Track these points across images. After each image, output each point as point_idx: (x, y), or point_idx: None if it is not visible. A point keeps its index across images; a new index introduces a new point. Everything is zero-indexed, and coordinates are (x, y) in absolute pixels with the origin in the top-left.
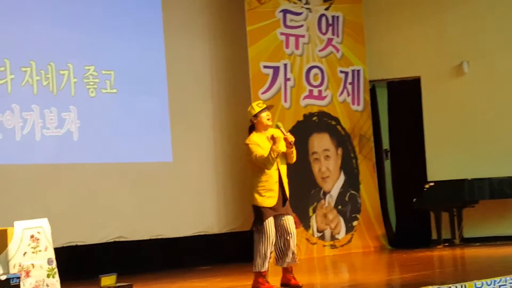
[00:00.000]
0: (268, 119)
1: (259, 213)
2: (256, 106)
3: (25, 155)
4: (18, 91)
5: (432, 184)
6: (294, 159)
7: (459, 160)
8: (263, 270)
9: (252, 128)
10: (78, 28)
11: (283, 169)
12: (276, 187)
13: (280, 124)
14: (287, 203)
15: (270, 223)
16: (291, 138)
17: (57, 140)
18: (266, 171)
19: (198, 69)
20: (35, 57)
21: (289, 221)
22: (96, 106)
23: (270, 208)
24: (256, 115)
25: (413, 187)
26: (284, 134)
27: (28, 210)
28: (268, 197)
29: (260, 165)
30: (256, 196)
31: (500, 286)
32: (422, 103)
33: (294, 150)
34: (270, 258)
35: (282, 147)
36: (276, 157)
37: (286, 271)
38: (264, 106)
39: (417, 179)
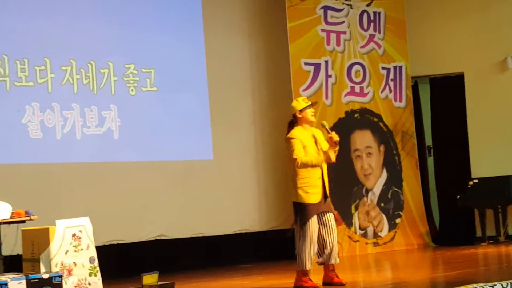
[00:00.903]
0: (312, 115)
1: (303, 211)
2: (302, 101)
3: (65, 154)
4: (59, 90)
5: (476, 181)
6: (334, 159)
7: (503, 157)
8: (306, 268)
9: (292, 124)
10: (118, 26)
11: (324, 167)
12: (319, 183)
13: (325, 123)
14: (328, 200)
15: (313, 222)
16: (336, 138)
17: (98, 139)
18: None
19: (238, 66)
20: (75, 56)
21: (331, 218)
22: (136, 104)
23: (314, 205)
24: (301, 110)
25: (456, 184)
26: (329, 133)
27: (70, 209)
28: (312, 194)
29: (291, 161)
30: (300, 192)
31: None
32: (465, 99)
33: (337, 150)
34: (313, 256)
35: (324, 145)
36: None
37: (328, 269)
38: (309, 102)
39: (460, 176)
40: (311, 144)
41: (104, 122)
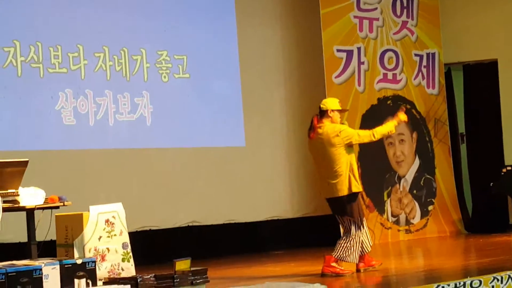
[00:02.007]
0: (339, 119)
1: (359, 203)
2: (337, 103)
3: (98, 140)
4: (91, 77)
5: (509, 168)
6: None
7: None
8: (354, 261)
9: (322, 117)
10: (151, 13)
11: (353, 157)
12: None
13: (346, 123)
14: None
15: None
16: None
17: (130, 125)
18: (352, 158)
19: (270, 53)
20: (108, 43)
21: None
22: (168, 91)
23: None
24: (333, 110)
25: (489, 171)
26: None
27: (103, 195)
28: (359, 183)
29: (364, 141)
30: (353, 180)
31: None
32: (499, 86)
33: None
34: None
35: None
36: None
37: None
38: (341, 108)
39: (493, 163)
40: None
41: (137, 109)
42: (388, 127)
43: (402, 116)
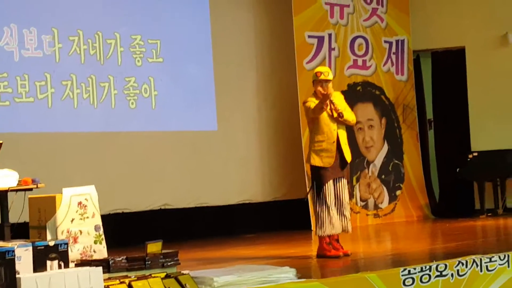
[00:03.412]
0: (321, 89)
1: (319, 176)
2: (326, 72)
3: (72, 123)
4: (66, 60)
5: (475, 154)
6: (352, 121)
7: (503, 130)
8: (326, 235)
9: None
10: None
11: (342, 133)
12: (333, 147)
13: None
14: (347, 167)
15: (329, 186)
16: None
17: (104, 109)
18: (324, 130)
19: (243, 38)
20: (82, 26)
21: (344, 185)
22: (142, 75)
23: (328, 169)
24: (313, 81)
25: (456, 157)
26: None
27: (76, 178)
28: (325, 157)
29: (311, 114)
30: (313, 155)
31: None
32: (466, 73)
33: (345, 118)
34: (335, 221)
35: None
36: (322, 107)
37: (333, 239)
38: (327, 78)
39: (460, 149)
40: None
41: (111, 93)
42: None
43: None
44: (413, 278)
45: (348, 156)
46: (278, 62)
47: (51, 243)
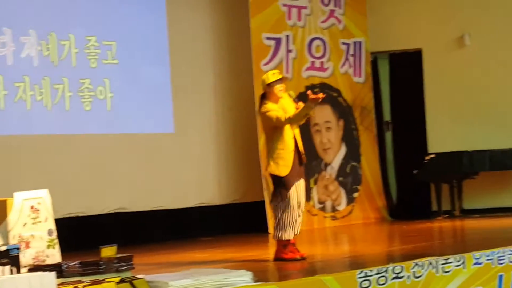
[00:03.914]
0: (280, 91)
1: (281, 183)
2: (271, 76)
3: (27, 126)
4: (19, 62)
5: (432, 156)
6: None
7: (460, 132)
8: (287, 238)
9: (264, 97)
10: None
11: (297, 132)
12: (291, 156)
13: (292, 93)
14: (302, 167)
15: (292, 191)
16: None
17: (58, 111)
18: (284, 139)
19: (200, 39)
20: (35, 27)
21: (303, 186)
22: (97, 77)
23: (288, 176)
24: (269, 85)
25: (414, 158)
26: (296, 104)
27: (29, 182)
28: (282, 165)
29: (278, 124)
30: (272, 163)
31: (498, 257)
32: (423, 75)
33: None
34: (296, 227)
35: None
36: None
37: (289, 243)
38: (280, 76)
39: (418, 150)
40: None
41: (65, 95)
42: (303, 112)
43: (313, 98)
44: (369, 281)
45: (304, 157)
46: (236, 64)
47: (3, 248)
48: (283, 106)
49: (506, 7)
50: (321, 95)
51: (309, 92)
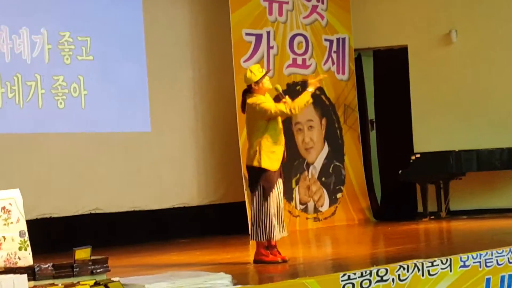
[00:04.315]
0: (269, 82)
1: (267, 179)
2: (258, 72)
3: None
4: None
5: (418, 155)
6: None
7: (446, 131)
8: (273, 240)
9: (248, 92)
10: None
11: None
12: (281, 150)
13: (278, 86)
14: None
15: (275, 190)
16: (289, 101)
17: (30, 109)
18: (276, 133)
19: (178, 35)
20: (6, 22)
21: (281, 186)
22: (71, 73)
23: (275, 172)
24: (257, 81)
25: (399, 158)
26: (283, 97)
27: (2, 181)
28: (274, 160)
29: (279, 116)
30: (264, 157)
31: (486, 259)
32: (409, 72)
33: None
34: (278, 227)
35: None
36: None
37: (271, 245)
38: (264, 71)
39: (403, 150)
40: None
41: (38, 92)
42: (304, 98)
43: (313, 82)
44: (353, 284)
45: (285, 156)
46: (215, 61)
47: None
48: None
49: (493, 2)
50: (321, 76)
51: (310, 76)
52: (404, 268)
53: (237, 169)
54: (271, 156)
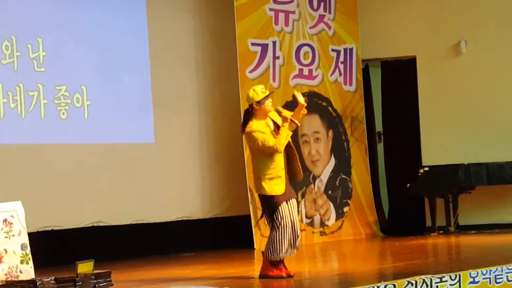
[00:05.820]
0: (271, 105)
1: (270, 203)
2: (260, 92)
3: (0, 134)
4: None
5: (426, 169)
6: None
7: (455, 144)
8: (278, 258)
9: (248, 114)
10: (59, 2)
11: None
12: (283, 173)
13: (280, 108)
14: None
15: (284, 208)
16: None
17: (32, 120)
18: (273, 158)
19: (182, 46)
20: (15, 33)
21: (295, 204)
22: (74, 83)
23: (280, 195)
24: (259, 102)
25: (407, 172)
26: (287, 118)
27: (3, 193)
28: (275, 184)
29: (268, 151)
30: (264, 185)
31: (496, 276)
32: (417, 83)
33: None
34: (287, 246)
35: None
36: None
37: (278, 260)
38: (267, 92)
39: (411, 163)
40: (268, 133)
41: (38, 103)
42: (283, 134)
43: (301, 100)
44: None
45: (300, 176)
46: (220, 71)
47: None
48: (269, 125)
49: (503, 13)
50: (299, 105)
51: (297, 93)
52: (412, 284)
53: (242, 182)
54: (272, 181)
